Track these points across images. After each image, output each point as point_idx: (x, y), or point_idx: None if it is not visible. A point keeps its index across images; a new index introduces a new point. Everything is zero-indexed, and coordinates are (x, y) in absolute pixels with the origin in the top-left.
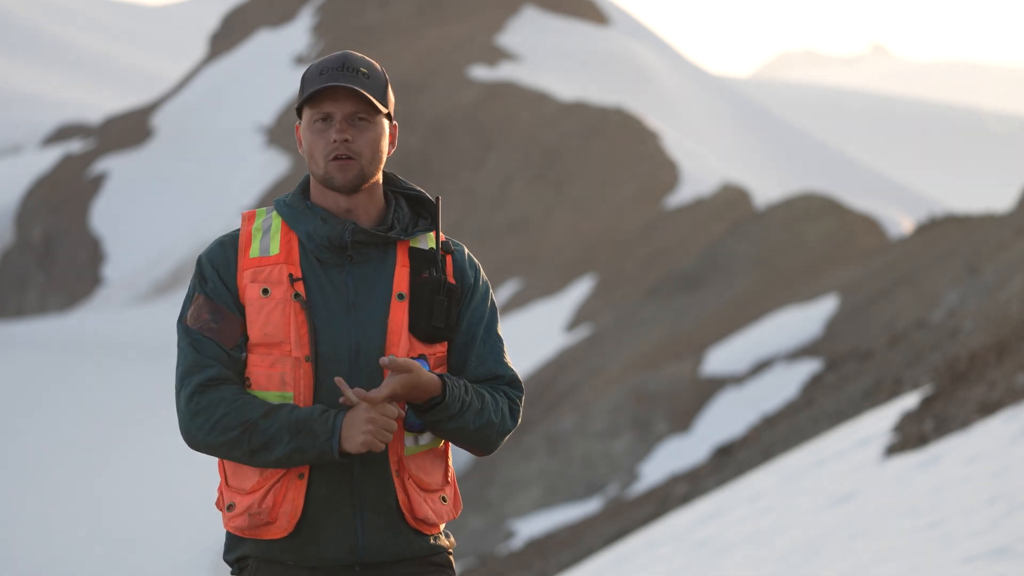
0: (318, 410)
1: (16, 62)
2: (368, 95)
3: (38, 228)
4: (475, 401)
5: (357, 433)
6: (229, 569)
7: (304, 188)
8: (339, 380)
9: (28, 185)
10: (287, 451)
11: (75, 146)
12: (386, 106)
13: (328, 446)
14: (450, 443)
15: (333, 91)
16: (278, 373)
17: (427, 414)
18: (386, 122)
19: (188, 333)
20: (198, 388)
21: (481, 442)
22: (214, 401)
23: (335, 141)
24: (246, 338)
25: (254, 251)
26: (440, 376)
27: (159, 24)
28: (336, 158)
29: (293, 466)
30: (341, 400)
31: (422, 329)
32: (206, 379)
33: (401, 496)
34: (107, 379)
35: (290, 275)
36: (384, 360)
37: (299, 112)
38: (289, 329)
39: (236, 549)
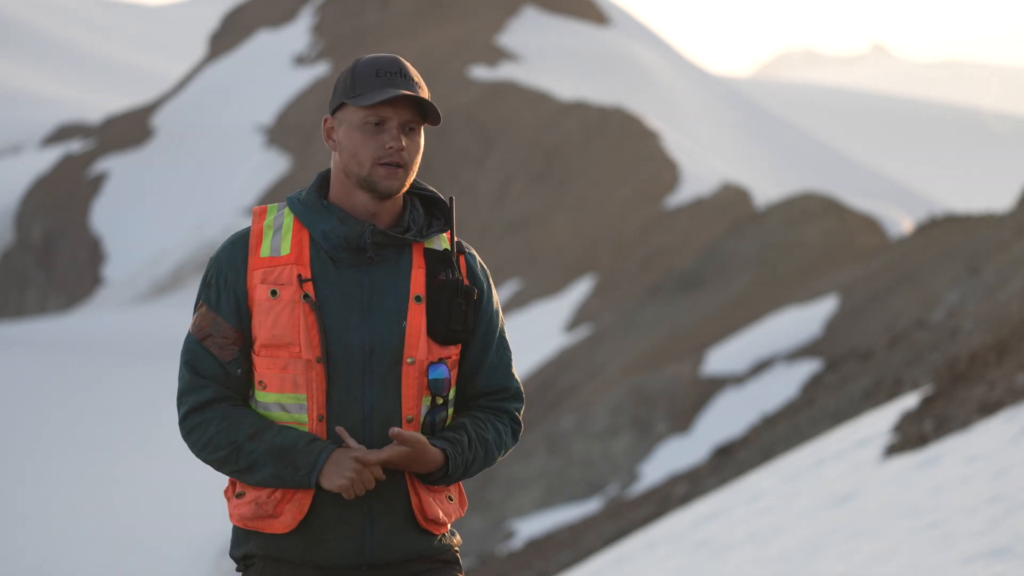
0: (304, 440)
1: (16, 62)
2: (435, 106)
3: (38, 228)
4: (479, 451)
5: (339, 475)
6: (230, 568)
7: (319, 186)
8: (340, 430)
9: (28, 185)
10: (266, 476)
11: (75, 146)
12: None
13: (307, 480)
14: None
15: (394, 98)
16: (290, 375)
17: (430, 482)
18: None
19: (187, 349)
20: (192, 408)
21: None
22: (206, 420)
23: (390, 147)
24: (244, 349)
25: (264, 250)
26: (443, 449)
27: (159, 24)
28: (387, 164)
29: (275, 487)
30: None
31: (440, 332)
32: (200, 402)
33: (412, 496)
34: (107, 379)
35: (299, 276)
36: (392, 431)
37: (338, 106)
38: (298, 331)
39: (243, 545)
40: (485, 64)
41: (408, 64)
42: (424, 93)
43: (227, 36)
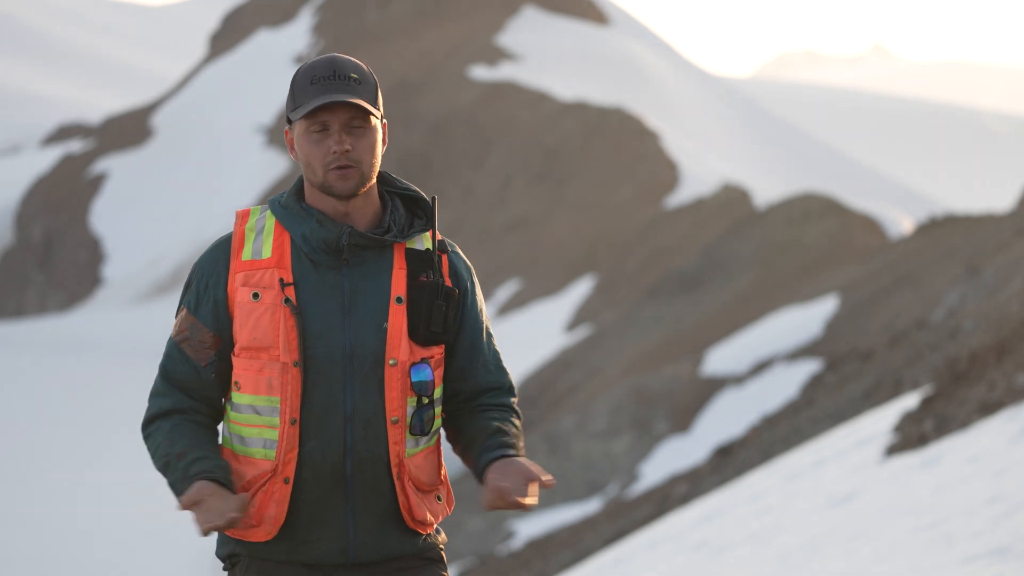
0: (195, 469)
1: (16, 62)
2: (366, 105)
3: (38, 228)
4: (521, 450)
5: (207, 519)
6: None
7: (299, 190)
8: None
9: (28, 185)
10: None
11: (75, 146)
12: (379, 109)
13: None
14: (441, 440)
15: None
16: (265, 378)
17: None
18: (378, 123)
19: (166, 352)
20: (151, 416)
21: None
22: (158, 429)
23: (335, 152)
24: (222, 352)
25: (246, 254)
26: (511, 452)
27: (159, 24)
28: (337, 168)
29: None
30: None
31: (420, 334)
32: (159, 410)
33: (401, 498)
34: (107, 379)
35: (280, 279)
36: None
37: (289, 118)
38: (277, 334)
39: (227, 545)
40: (485, 64)
41: (346, 61)
42: (364, 89)
43: (227, 36)
